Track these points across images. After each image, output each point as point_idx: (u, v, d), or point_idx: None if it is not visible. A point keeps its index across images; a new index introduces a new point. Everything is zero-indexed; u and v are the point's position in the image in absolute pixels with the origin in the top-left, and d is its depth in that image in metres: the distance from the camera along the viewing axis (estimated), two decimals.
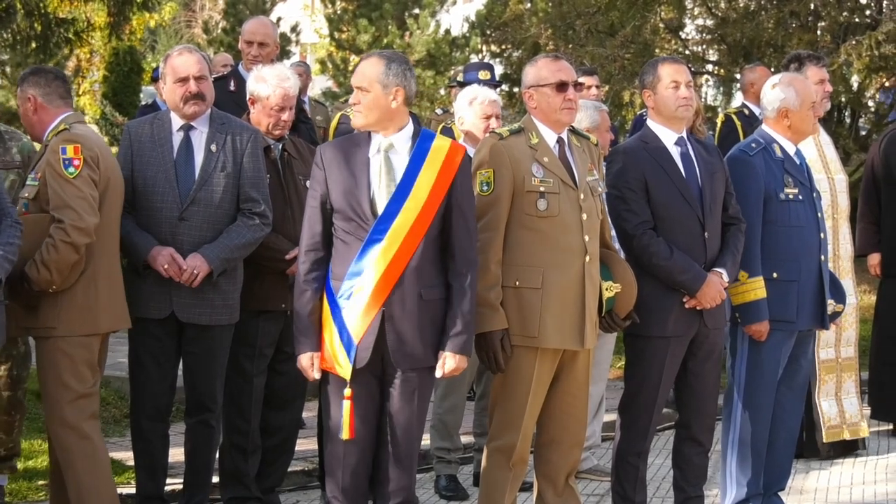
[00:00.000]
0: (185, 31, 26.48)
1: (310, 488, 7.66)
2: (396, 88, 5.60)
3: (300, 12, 27.52)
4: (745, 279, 6.68)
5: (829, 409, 8.43)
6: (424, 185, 5.60)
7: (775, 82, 6.99)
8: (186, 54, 6.65)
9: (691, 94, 6.55)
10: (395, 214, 5.56)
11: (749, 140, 6.98)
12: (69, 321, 6.13)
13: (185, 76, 6.57)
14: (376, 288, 5.53)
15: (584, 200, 6.07)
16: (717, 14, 17.45)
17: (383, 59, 5.66)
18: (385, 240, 5.54)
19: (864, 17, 16.49)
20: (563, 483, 6.27)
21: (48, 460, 6.67)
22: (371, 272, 5.53)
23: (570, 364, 6.13)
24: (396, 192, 5.58)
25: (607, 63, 16.16)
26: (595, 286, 6.10)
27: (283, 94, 6.80)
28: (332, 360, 5.61)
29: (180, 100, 6.57)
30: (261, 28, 8.92)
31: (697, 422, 6.68)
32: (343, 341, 5.58)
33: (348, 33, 21.27)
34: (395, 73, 5.60)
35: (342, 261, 5.61)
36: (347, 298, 5.57)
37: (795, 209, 6.83)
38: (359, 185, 5.61)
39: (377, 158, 5.65)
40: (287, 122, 6.87)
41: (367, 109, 5.63)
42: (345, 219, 5.61)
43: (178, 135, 6.62)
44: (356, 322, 5.55)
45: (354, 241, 5.59)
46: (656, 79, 6.50)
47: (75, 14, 16.22)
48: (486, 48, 21.48)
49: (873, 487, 7.98)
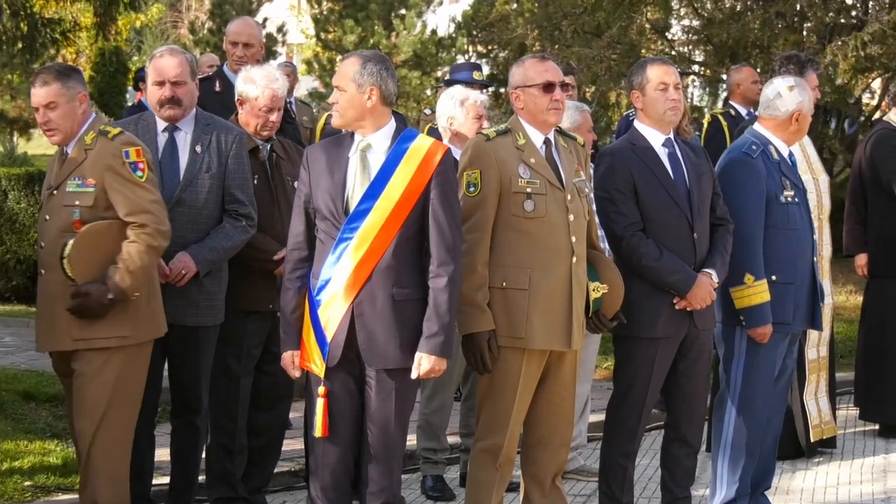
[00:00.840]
0: (172, 31, 26.45)
1: (296, 489, 7.65)
2: (371, 87, 5.61)
3: (286, 13, 27.46)
4: (751, 282, 6.67)
5: (814, 408, 8.46)
6: (398, 185, 5.60)
7: (791, 84, 6.92)
8: (168, 57, 6.63)
9: (680, 97, 6.54)
10: (366, 213, 5.58)
11: (746, 141, 6.91)
12: (139, 328, 6.02)
13: (162, 80, 6.57)
14: (346, 286, 5.57)
15: (571, 201, 6.08)
16: (703, 15, 17.45)
17: (360, 58, 5.68)
18: (355, 238, 5.57)
19: (850, 17, 16.51)
20: (550, 483, 6.27)
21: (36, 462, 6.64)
22: (341, 271, 5.57)
23: (557, 365, 6.13)
24: (368, 191, 5.60)
25: (593, 64, 16.15)
26: (582, 287, 6.10)
27: (271, 94, 6.80)
28: (309, 358, 5.66)
29: (156, 102, 6.58)
30: (246, 28, 8.90)
31: (687, 423, 6.68)
32: (318, 339, 5.63)
33: (335, 34, 21.25)
34: (371, 72, 5.61)
35: (319, 260, 5.66)
36: (321, 296, 5.61)
37: (793, 212, 6.83)
38: (335, 184, 5.64)
39: (354, 158, 5.68)
40: (275, 123, 6.87)
41: (343, 108, 5.67)
42: (322, 218, 5.66)
43: (163, 136, 6.61)
44: (328, 320, 5.60)
45: (329, 239, 5.63)
46: (645, 80, 6.50)
47: (61, 14, 16.19)
48: (473, 49, 21.50)
49: (859, 487, 7.99)
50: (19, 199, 11.93)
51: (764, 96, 7.01)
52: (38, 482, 7.21)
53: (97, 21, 14.04)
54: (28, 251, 11.70)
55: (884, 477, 8.23)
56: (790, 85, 6.94)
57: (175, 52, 6.71)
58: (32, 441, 7.88)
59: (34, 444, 7.82)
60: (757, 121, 7.06)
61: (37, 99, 5.98)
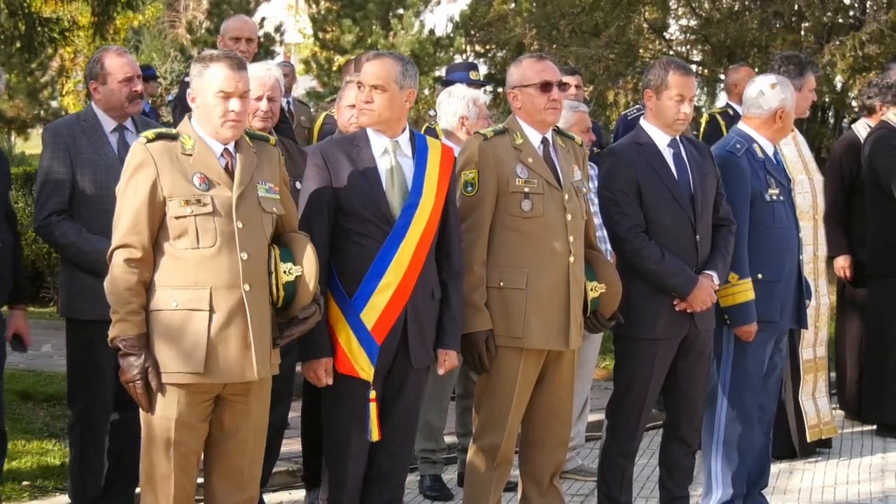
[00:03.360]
0: (169, 31, 26.41)
1: (294, 488, 7.65)
2: (410, 90, 5.71)
3: (284, 12, 27.44)
4: (735, 281, 6.68)
5: (810, 408, 8.45)
6: (431, 186, 5.70)
7: (774, 82, 6.94)
8: (123, 56, 6.61)
9: (691, 112, 6.54)
10: (413, 212, 5.65)
11: (731, 140, 6.93)
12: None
13: (131, 76, 6.56)
14: (400, 287, 5.61)
15: (569, 201, 6.08)
16: (701, 14, 17.47)
17: (399, 60, 5.76)
18: (406, 240, 5.61)
19: (848, 17, 16.52)
20: (548, 483, 6.28)
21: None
22: (395, 273, 5.59)
23: (555, 364, 6.14)
24: (412, 193, 5.67)
25: (591, 63, 16.15)
26: (580, 287, 6.10)
27: (258, 83, 6.62)
28: (351, 363, 5.63)
29: (126, 98, 6.53)
30: (246, 25, 9.01)
31: (686, 423, 6.68)
32: (364, 343, 5.61)
33: (332, 33, 21.23)
34: (411, 74, 5.73)
35: (357, 262, 5.63)
36: (369, 299, 5.60)
37: (778, 210, 6.85)
38: (373, 187, 5.66)
39: (386, 160, 5.72)
40: (266, 113, 6.63)
41: (383, 109, 5.69)
42: (360, 221, 5.64)
43: (113, 136, 6.58)
44: (378, 323, 5.61)
45: (372, 242, 5.63)
46: (664, 85, 6.45)
47: (59, 14, 16.16)
48: (471, 48, 21.48)
49: (857, 487, 7.99)
50: (17, 198, 11.92)
51: (747, 95, 7.03)
52: (35, 482, 7.21)
53: (95, 20, 14.00)
54: (26, 251, 11.66)
55: (881, 476, 8.22)
56: (772, 83, 6.95)
57: (122, 51, 6.68)
58: (30, 441, 7.88)
59: (32, 444, 7.81)
60: (741, 120, 7.07)
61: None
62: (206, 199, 5.14)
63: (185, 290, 5.12)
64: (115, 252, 5.14)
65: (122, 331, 5.10)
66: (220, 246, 5.13)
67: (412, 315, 5.68)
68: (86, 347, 6.49)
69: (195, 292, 5.11)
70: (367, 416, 5.65)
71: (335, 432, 5.75)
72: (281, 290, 5.25)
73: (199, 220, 5.12)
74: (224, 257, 5.14)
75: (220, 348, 5.13)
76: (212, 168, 5.21)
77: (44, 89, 23.97)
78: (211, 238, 5.12)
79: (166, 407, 5.15)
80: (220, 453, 5.34)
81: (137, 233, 5.10)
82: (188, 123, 5.31)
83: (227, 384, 5.20)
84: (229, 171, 5.25)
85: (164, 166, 5.14)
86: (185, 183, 5.14)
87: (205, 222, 5.12)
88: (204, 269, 5.12)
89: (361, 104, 5.73)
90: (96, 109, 6.59)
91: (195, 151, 5.21)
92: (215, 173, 5.21)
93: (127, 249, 5.11)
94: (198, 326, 5.11)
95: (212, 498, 5.39)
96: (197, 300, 5.11)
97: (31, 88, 23.13)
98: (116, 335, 5.11)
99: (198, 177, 5.17)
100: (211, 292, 5.11)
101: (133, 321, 5.09)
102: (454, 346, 5.84)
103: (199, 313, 5.11)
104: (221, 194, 5.18)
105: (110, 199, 5.64)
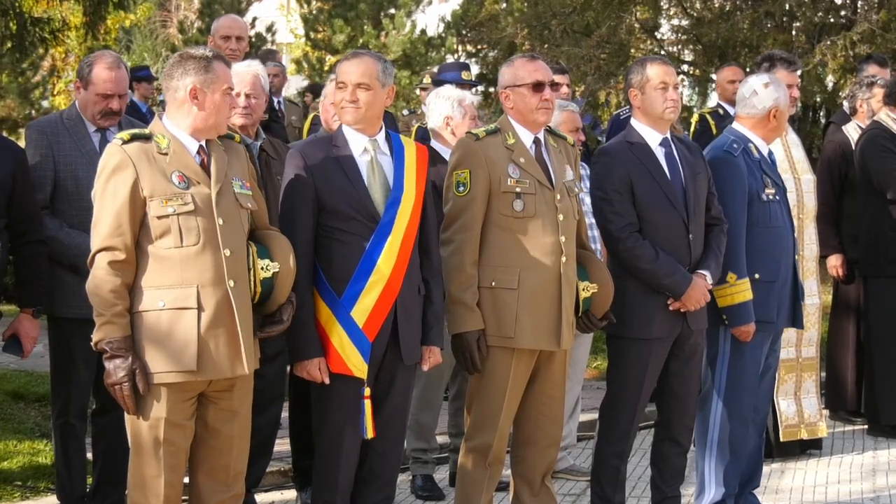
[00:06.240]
0: (161, 31, 26.37)
1: (286, 488, 7.65)
2: (390, 87, 5.75)
3: (276, 12, 27.42)
4: (733, 281, 6.67)
5: (788, 408, 8.41)
6: (411, 182, 5.74)
7: (766, 81, 6.94)
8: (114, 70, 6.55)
9: (678, 97, 6.55)
10: (397, 210, 5.67)
11: (727, 140, 6.91)
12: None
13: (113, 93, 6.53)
14: (389, 283, 5.63)
15: (561, 201, 6.08)
16: (692, 14, 17.51)
17: (378, 58, 5.81)
18: (392, 235, 5.64)
19: (839, 17, 16.56)
20: (540, 483, 6.28)
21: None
22: (383, 270, 5.61)
23: (547, 364, 6.14)
24: (394, 189, 5.70)
25: (583, 63, 16.19)
26: (571, 287, 6.10)
27: (237, 80, 6.49)
28: (344, 362, 5.63)
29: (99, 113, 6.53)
30: (236, 23, 9.07)
31: (677, 422, 6.68)
32: (355, 341, 5.61)
33: (324, 33, 21.25)
34: (389, 73, 5.76)
35: (344, 261, 5.64)
36: (358, 297, 5.61)
37: (774, 210, 6.85)
38: (356, 185, 5.68)
39: (366, 158, 5.75)
40: (248, 110, 6.63)
41: (368, 106, 5.72)
42: (344, 219, 5.65)
43: (96, 136, 6.59)
44: (369, 320, 5.62)
45: (357, 240, 5.64)
46: (644, 79, 6.48)
47: (51, 13, 16.15)
48: (462, 48, 21.51)
49: (848, 486, 8.00)
50: None
51: (740, 94, 7.03)
52: (27, 483, 7.20)
53: (86, 20, 13.98)
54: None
55: (873, 476, 8.23)
56: (765, 82, 6.96)
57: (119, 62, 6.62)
58: (21, 441, 7.87)
59: (23, 445, 7.81)
60: (735, 119, 7.07)
61: None
62: (186, 198, 5.14)
63: (171, 290, 5.11)
64: (97, 255, 5.11)
65: (108, 333, 5.07)
66: (204, 243, 5.14)
67: (402, 311, 5.70)
68: (64, 344, 6.52)
69: (182, 291, 5.11)
70: (362, 413, 5.66)
71: (327, 432, 5.75)
72: (258, 285, 5.26)
73: (182, 218, 5.12)
74: (208, 254, 5.14)
75: (211, 345, 5.13)
76: (188, 166, 5.22)
77: (35, 89, 23.90)
78: (194, 236, 5.13)
79: (154, 407, 5.13)
80: (206, 451, 5.33)
81: (120, 234, 5.08)
82: (160, 122, 5.31)
83: (211, 381, 5.20)
84: (205, 168, 5.26)
85: (142, 167, 5.13)
86: (164, 182, 5.14)
87: (187, 220, 5.13)
88: (189, 268, 5.12)
89: (345, 103, 5.74)
90: (79, 108, 6.62)
91: (171, 150, 5.21)
92: (192, 171, 5.22)
93: (110, 252, 5.08)
94: (187, 325, 5.10)
95: (197, 496, 5.39)
96: (184, 298, 5.11)
97: (23, 88, 23.06)
98: (102, 338, 5.08)
99: (176, 175, 5.17)
100: (198, 290, 5.11)
101: (119, 323, 5.07)
102: (438, 343, 5.88)
103: (187, 311, 5.11)
104: (201, 192, 5.19)
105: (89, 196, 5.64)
